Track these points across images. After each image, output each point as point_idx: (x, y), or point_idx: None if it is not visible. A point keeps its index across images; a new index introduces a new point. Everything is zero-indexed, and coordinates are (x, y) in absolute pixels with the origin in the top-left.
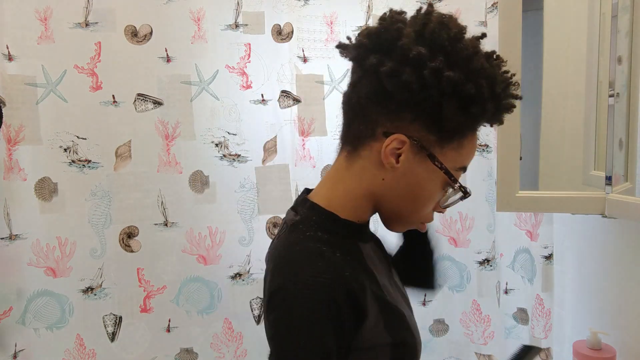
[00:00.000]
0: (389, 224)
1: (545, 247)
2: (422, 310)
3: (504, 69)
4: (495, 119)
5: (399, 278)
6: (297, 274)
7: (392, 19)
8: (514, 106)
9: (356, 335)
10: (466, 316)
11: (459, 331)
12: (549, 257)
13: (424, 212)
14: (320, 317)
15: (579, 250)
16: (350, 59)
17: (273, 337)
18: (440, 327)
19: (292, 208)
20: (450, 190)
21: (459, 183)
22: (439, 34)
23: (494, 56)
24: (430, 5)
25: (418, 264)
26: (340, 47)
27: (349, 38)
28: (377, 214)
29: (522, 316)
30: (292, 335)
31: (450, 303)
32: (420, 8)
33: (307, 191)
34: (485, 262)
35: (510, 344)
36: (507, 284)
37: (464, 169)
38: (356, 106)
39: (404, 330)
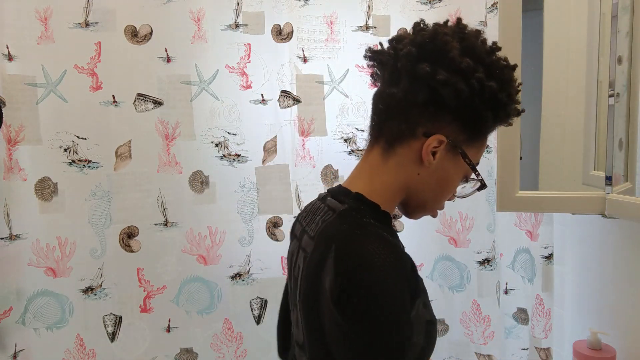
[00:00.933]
0: (412, 213)
1: (545, 247)
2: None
3: (515, 74)
4: (505, 122)
5: None
6: (373, 253)
7: (436, 31)
8: (523, 110)
9: (412, 307)
10: (466, 316)
11: (459, 331)
12: (549, 257)
13: (443, 201)
14: (403, 288)
15: (579, 250)
16: (379, 63)
17: (366, 311)
18: (440, 327)
19: (332, 197)
20: (470, 182)
21: (481, 177)
22: (480, 48)
23: (508, 64)
24: (459, 19)
25: None
26: (373, 52)
27: (380, 44)
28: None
29: (522, 316)
30: (388, 304)
31: (450, 303)
32: (447, 20)
33: (339, 187)
34: (485, 262)
35: (510, 344)
36: (507, 284)
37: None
38: (397, 107)
39: (431, 311)
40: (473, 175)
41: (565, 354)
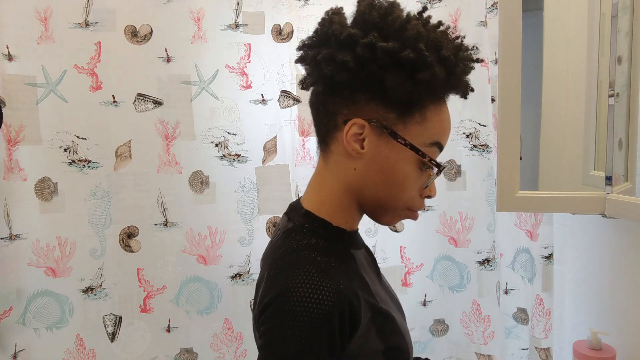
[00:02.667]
0: (376, 216)
1: (545, 247)
2: (422, 310)
3: (453, 35)
4: (455, 86)
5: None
6: (291, 286)
7: (326, 14)
8: (471, 68)
9: (349, 344)
10: (466, 316)
11: (459, 331)
12: (549, 257)
13: (405, 196)
14: (314, 335)
15: (579, 250)
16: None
17: (264, 347)
18: (440, 327)
19: (286, 213)
20: (428, 169)
21: (429, 157)
22: (369, 14)
23: (440, 25)
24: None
25: None
26: (298, 60)
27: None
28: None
29: (522, 316)
30: (284, 349)
31: (450, 303)
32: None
33: (297, 200)
34: (485, 262)
35: (510, 344)
36: (507, 284)
37: (438, 146)
38: (315, 103)
39: (395, 335)
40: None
41: (565, 354)
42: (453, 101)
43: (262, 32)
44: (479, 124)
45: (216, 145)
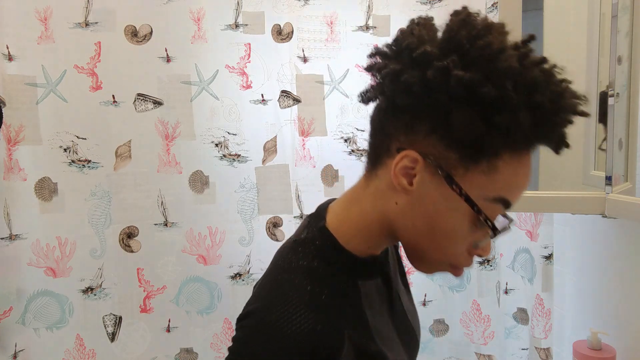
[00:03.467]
0: (412, 260)
1: (545, 247)
2: (422, 310)
3: (559, 77)
4: (543, 138)
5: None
6: (271, 307)
7: (411, 22)
8: (570, 122)
9: None
10: (466, 316)
11: (459, 331)
12: (549, 257)
13: (450, 251)
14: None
15: (579, 250)
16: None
17: (231, 352)
18: (440, 327)
19: (309, 216)
20: (481, 225)
21: (484, 215)
22: (457, 32)
23: (543, 62)
24: (465, 7)
25: None
26: (367, 68)
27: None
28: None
29: (522, 316)
30: None
31: (450, 303)
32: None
33: (327, 202)
34: (485, 262)
35: (510, 344)
36: (507, 284)
37: (504, 203)
38: (374, 120)
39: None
40: (481, 217)
41: (565, 354)
42: None
43: (262, 32)
44: None
45: (216, 145)
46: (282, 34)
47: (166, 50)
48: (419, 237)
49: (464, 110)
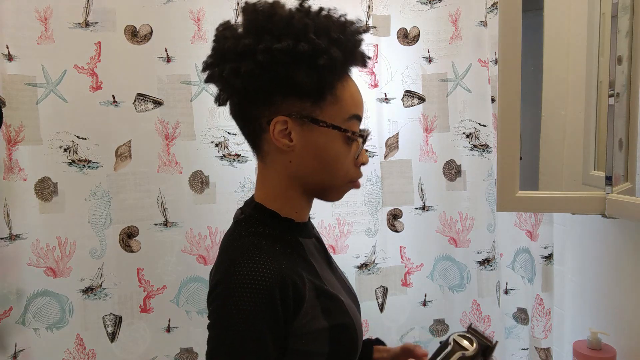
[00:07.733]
0: (324, 197)
1: (545, 247)
2: (422, 310)
3: (336, 15)
4: (352, 60)
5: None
6: (235, 267)
7: (217, 31)
8: (361, 40)
9: (293, 322)
10: (466, 316)
11: (459, 331)
12: (549, 257)
13: (342, 171)
14: (257, 309)
15: (579, 250)
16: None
17: (211, 325)
18: (440, 327)
19: (241, 207)
20: (352, 141)
21: (351, 131)
22: (256, 19)
23: (321, 11)
24: (247, 1)
25: None
26: (207, 80)
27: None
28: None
29: (522, 316)
30: (229, 327)
31: (450, 303)
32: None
33: (252, 196)
34: (485, 262)
35: (510, 344)
36: (507, 284)
37: (357, 118)
38: (237, 114)
39: (341, 314)
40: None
41: (565, 354)
42: (453, 101)
43: None
44: (479, 124)
45: (216, 145)
46: None
47: (166, 50)
48: (319, 176)
49: (297, 69)
